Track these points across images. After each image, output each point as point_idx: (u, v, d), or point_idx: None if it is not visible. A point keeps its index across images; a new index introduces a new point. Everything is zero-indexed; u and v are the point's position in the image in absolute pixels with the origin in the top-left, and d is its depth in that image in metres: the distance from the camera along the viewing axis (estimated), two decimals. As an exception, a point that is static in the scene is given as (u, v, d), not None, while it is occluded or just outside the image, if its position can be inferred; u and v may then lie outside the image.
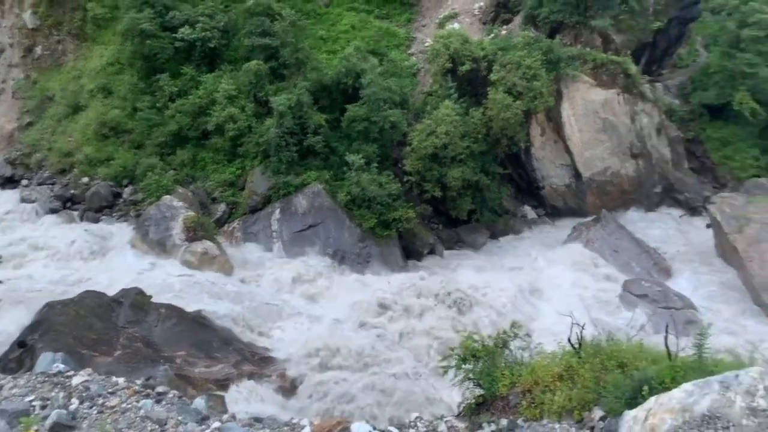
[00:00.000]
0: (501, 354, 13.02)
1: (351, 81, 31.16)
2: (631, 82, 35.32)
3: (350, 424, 8.19)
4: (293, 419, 8.71)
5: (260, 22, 33.20)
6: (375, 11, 41.04)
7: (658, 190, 36.34)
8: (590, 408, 10.13)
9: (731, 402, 6.40)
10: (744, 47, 36.81)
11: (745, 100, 35.80)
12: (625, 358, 10.98)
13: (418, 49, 38.35)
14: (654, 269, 29.52)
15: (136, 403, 8.61)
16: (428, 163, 30.42)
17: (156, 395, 8.94)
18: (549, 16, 35.09)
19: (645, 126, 35.86)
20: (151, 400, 8.76)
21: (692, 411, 6.60)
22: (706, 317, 23.88)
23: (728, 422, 6.28)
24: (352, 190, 28.53)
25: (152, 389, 9.11)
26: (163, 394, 8.99)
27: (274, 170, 30.01)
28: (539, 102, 31.95)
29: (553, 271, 28.35)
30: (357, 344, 21.28)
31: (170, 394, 8.97)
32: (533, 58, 31.99)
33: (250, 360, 21.07)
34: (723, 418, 6.33)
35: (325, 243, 28.22)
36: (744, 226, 28.50)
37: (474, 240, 32.37)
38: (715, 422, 6.34)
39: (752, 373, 6.65)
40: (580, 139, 34.82)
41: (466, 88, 33.29)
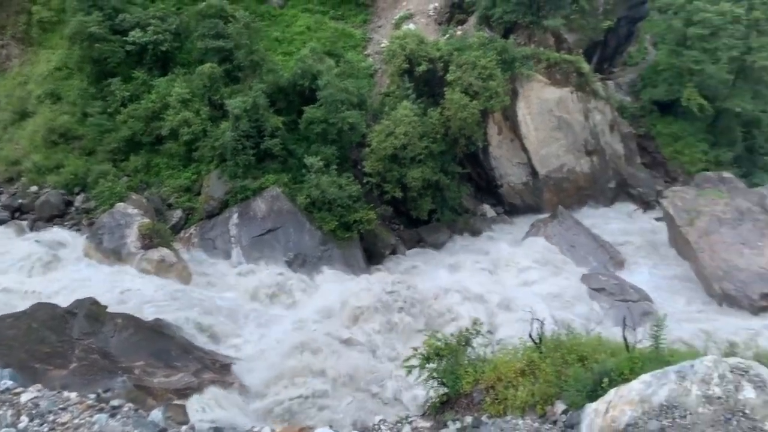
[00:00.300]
0: (464, 351, 13.07)
1: (308, 83, 30.94)
2: (584, 81, 36.04)
3: (313, 429, 8.06)
4: (254, 427, 8.53)
5: (213, 24, 32.69)
6: (330, 12, 40.88)
7: (612, 185, 37.18)
8: (552, 402, 10.23)
9: (688, 391, 6.53)
10: (690, 45, 37.98)
11: (692, 96, 36.91)
12: (585, 352, 11.14)
13: (374, 49, 38.35)
14: (610, 263, 30.18)
15: (89, 418, 8.29)
16: (388, 164, 30.45)
17: (110, 409, 8.62)
18: (503, 17, 35.53)
19: (598, 123, 36.63)
20: (105, 414, 8.44)
21: (651, 401, 6.71)
22: (662, 308, 24.48)
23: (685, 411, 6.40)
24: (311, 192, 28.32)
25: (106, 403, 8.79)
26: (117, 407, 8.68)
27: (231, 174, 29.58)
28: (495, 101, 32.31)
29: (513, 267, 28.67)
30: (321, 348, 21.12)
31: (125, 408, 8.67)
32: (488, 58, 32.33)
33: (211, 368, 20.68)
34: (680, 407, 6.45)
35: (285, 247, 27.93)
36: (695, 218, 29.37)
37: (435, 239, 32.53)
38: (672, 411, 6.45)
39: (707, 362, 6.79)
40: (536, 137, 35.36)
41: (424, 89, 33.45)
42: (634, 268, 30.07)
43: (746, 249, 27.75)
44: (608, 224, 34.56)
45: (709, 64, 37.46)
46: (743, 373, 6.52)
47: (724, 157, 37.48)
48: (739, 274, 26.95)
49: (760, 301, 26.06)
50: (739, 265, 27.20)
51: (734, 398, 6.31)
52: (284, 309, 24.49)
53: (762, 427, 6.04)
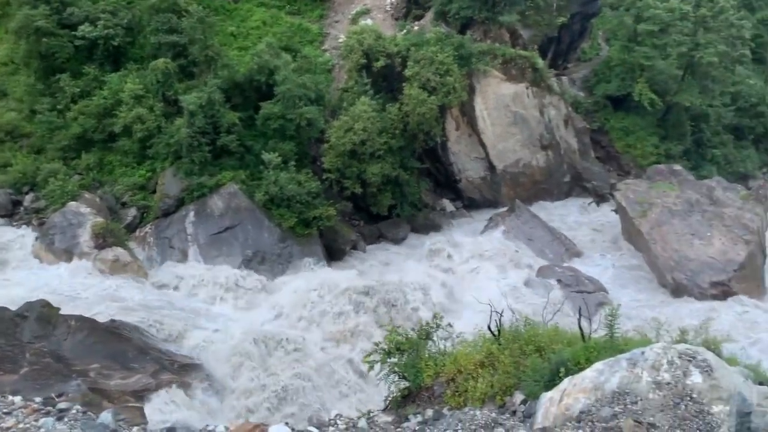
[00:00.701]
0: (425, 345, 13.16)
1: (264, 78, 30.61)
2: (539, 76, 36.60)
3: (268, 427, 7.99)
4: (208, 426, 8.39)
5: (166, 18, 32.00)
6: (286, 7, 40.49)
7: (567, 179, 37.91)
8: (511, 392, 10.39)
9: (639, 377, 6.72)
10: (641, 41, 38.99)
11: (644, 91, 37.90)
12: (543, 342, 11.34)
13: (331, 45, 38.16)
14: (566, 255, 30.81)
15: (35, 422, 8.02)
16: (347, 160, 30.38)
17: (57, 412, 8.36)
18: (459, 12, 35.80)
19: (553, 118, 37.28)
20: (51, 418, 8.17)
21: (603, 389, 6.87)
22: (616, 298, 25.13)
23: (636, 397, 6.57)
24: (269, 189, 28.05)
25: (53, 406, 8.53)
26: (65, 410, 8.42)
27: (187, 171, 29.07)
28: (453, 97, 32.55)
29: (472, 261, 28.99)
30: (281, 347, 20.97)
31: (73, 410, 8.42)
32: (446, 54, 32.54)
33: (169, 368, 20.35)
34: (632, 393, 6.63)
35: (243, 245, 27.60)
36: (647, 210, 30.18)
37: (395, 234, 32.64)
38: (624, 398, 6.62)
39: (656, 349, 6.99)
40: (493, 132, 35.78)
41: (382, 84, 33.48)
42: (589, 260, 30.77)
43: (696, 239, 28.66)
44: (564, 217, 35.29)
45: (659, 59, 38.52)
46: (691, 358, 6.73)
47: (674, 150, 38.62)
48: (690, 263, 27.83)
49: (709, 290, 26.98)
50: (689, 255, 28.09)
51: (682, 383, 6.50)
52: (244, 307, 24.23)
53: (708, 410, 6.25)
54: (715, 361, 6.70)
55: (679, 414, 6.24)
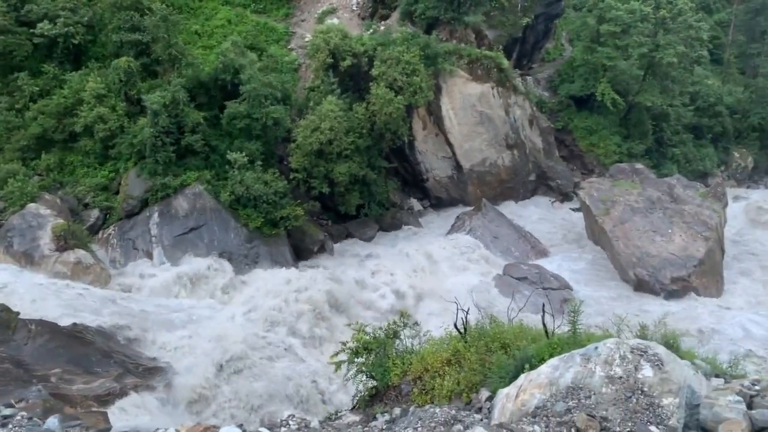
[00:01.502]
0: (392, 344, 13.21)
1: (229, 77, 30.32)
2: (504, 76, 37.00)
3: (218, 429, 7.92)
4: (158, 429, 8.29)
5: (129, 16, 31.46)
6: (252, 5, 40.19)
7: (532, 178, 38.42)
8: (477, 389, 10.50)
9: (592, 372, 6.86)
10: (603, 42, 39.70)
11: (606, 91, 38.62)
12: (508, 339, 11.49)
13: (298, 44, 37.98)
14: (532, 252, 31.23)
15: (-22, 429, 7.83)
16: (314, 160, 30.28)
17: (2, 419, 8.14)
18: (425, 12, 35.99)
19: (518, 118, 37.72)
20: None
21: (558, 384, 6.99)
22: (580, 295, 25.55)
23: (590, 391, 6.72)
24: (235, 189, 27.80)
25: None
26: (9, 417, 8.20)
27: (151, 172, 28.61)
28: (420, 96, 32.70)
29: (439, 259, 29.16)
30: (247, 348, 20.78)
31: (18, 416, 8.21)
32: (412, 54, 32.67)
33: (134, 372, 19.98)
34: (585, 388, 6.77)
35: (209, 245, 27.29)
36: (610, 208, 30.74)
37: (363, 234, 32.67)
38: (578, 393, 6.75)
39: (609, 344, 7.14)
40: (460, 131, 36.05)
41: (349, 83, 33.45)
42: (554, 257, 31.23)
43: (657, 236, 29.30)
44: (529, 215, 35.78)
45: (621, 60, 39.28)
46: (642, 353, 6.90)
47: (636, 149, 39.44)
48: (651, 260, 28.44)
49: (670, 285, 27.61)
50: (651, 252, 28.69)
51: (634, 377, 6.66)
52: (209, 309, 23.93)
53: (659, 403, 6.41)
54: (665, 354, 6.87)
55: (630, 407, 6.40)
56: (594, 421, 6.26)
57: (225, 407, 18.47)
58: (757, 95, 45.95)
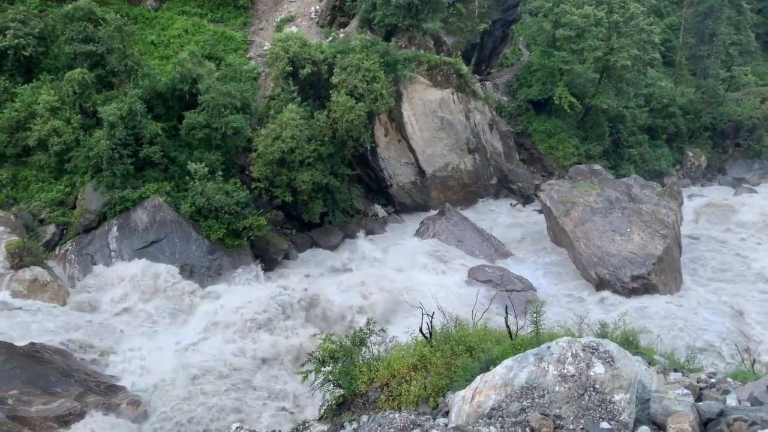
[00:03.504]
0: (358, 352, 13.17)
1: (187, 87, 29.93)
2: (464, 82, 37.40)
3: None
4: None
5: (82, 27, 30.77)
6: (209, 15, 39.80)
7: (494, 181, 38.86)
8: (444, 393, 10.52)
9: (545, 371, 6.94)
10: (559, 46, 40.44)
11: (563, 94, 39.35)
12: (473, 342, 11.56)
13: (256, 52, 37.75)
14: (495, 255, 31.53)
15: None
16: (276, 168, 30.09)
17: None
18: (383, 20, 36.13)
19: (479, 122, 38.14)
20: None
21: (512, 384, 7.07)
22: (544, 295, 25.91)
23: (543, 390, 6.80)
24: (196, 200, 27.41)
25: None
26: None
27: (108, 185, 28.02)
28: (381, 103, 32.80)
29: (404, 265, 29.21)
30: (213, 361, 20.48)
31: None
32: (371, 61, 32.76)
33: (95, 390, 19.53)
34: (539, 387, 6.85)
35: (171, 258, 26.81)
36: (570, 209, 31.26)
37: (328, 242, 32.51)
38: (532, 392, 6.83)
39: (561, 343, 7.24)
40: (421, 137, 36.28)
41: (309, 91, 33.37)
42: (517, 259, 31.59)
43: (617, 236, 29.89)
44: (492, 218, 36.18)
45: (577, 64, 40.06)
46: (594, 350, 7.01)
47: (593, 150, 40.23)
48: (612, 259, 28.98)
49: (630, 283, 28.16)
50: (611, 251, 29.25)
51: (586, 375, 6.77)
52: (172, 323, 23.51)
53: (611, 399, 6.53)
54: (616, 351, 7.00)
55: (583, 404, 6.49)
56: (548, 420, 6.33)
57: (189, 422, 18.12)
58: (707, 96, 47.37)
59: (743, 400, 6.65)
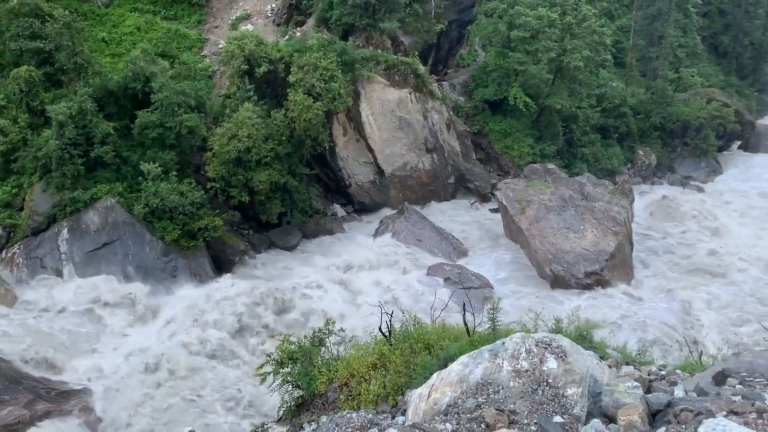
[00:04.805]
0: (317, 352, 13.12)
1: (140, 85, 29.31)
2: (421, 82, 37.61)
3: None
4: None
5: (28, 23, 29.80)
6: (162, 12, 39.03)
7: (452, 181, 39.20)
8: (403, 391, 10.56)
9: (500, 367, 7.04)
10: (514, 47, 41.01)
11: (518, 94, 39.92)
12: (431, 340, 11.64)
13: (211, 50, 37.21)
14: (454, 253, 31.83)
15: None
16: (232, 168, 29.70)
17: None
18: (340, 19, 36.04)
19: (436, 122, 38.42)
20: None
21: (468, 381, 7.14)
22: (500, 292, 26.28)
23: (498, 386, 6.89)
24: (150, 201, 26.86)
25: None
26: None
27: (58, 186, 27.22)
28: (339, 102, 32.70)
29: (364, 264, 29.24)
30: (169, 364, 20.10)
31: None
32: (329, 60, 32.63)
33: (45, 397, 18.97)
34: (494, 383, 6.94)
35: (124, 260, 26.22)
36: (525, 207, 31.78)
37: (286, 242, 32.26)
38: (487, 388, 6.92)
39: (515, 339, 7.36)
40: (380, 137, 36.34)
41: (266, 90, 33.05)
42: (475, 257, 31.96)
43: (571, 233, 30.53)
44: (451, 217, 36.48)
45: (531, 64, 40.69)
46: (547, 345, 7.14)
47: (548, 150, 40.94)
48: (566, 255, 29.59)
49: (584, 279, 28.82)
50: (565, 248, 29.86)
51: (539, 370, 6.89)
52: (126, 326, 22.98)
53: (563, 393, 6.67)
54: (569, 346, 7.14)
55: (537, 399, 6.61)
56: (503, 415, 6.42)
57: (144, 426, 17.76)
58: (657, 96, 48.71)
59: (690, 390, 6.87)
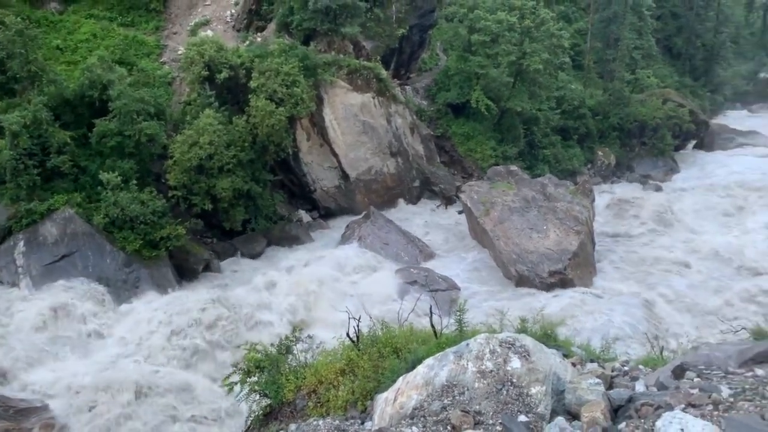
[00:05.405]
0: (285, 360, 13.00)
1: (97, 93, 28.73)
2: (384, 86, 37.70)
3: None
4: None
5: (-22, 30, 29.02)
6: (118, 18, 38.34)
7: (417, 184, 39.38)
8: (372, 397, 10.53)
9: (465, 369, 7.08)
10: (475, 51, 41.48)
11: (480, 97, 40.37)
12: (399, 343, 11.62)
13: (171, 57, 36.67)
14: (420, 256, 31.94)
15: None
16: (194, 176, 29.31)
17: None
18: (301, 24, 35.93)
19: (400, 126, 38.56)
20: None
21: (434, 383, 7.16)
22: (467, 294, 26.42)
23: (463, 388, 6.92)
24: (110, 211, 26.30)
25: None
26: None
27: (13, 197, 26.44)
28: (301, 108, 32.57)
29: (331, 269, 29.08)
30: (132, 377, 19.66)
31: None
32: (291, 65, 32.49)
33: (3, 416, 18.35)
34: (459, 384, 6.97)
35: (84, 272, 25.57)
36: (490, 209, 32.09)
37: (251, 250, 31.94)
38: (453, 390, 6.95)
39: (480, 340, 7.40)
40: (344, 141, 36.30)
41: (227, 96, 32.72)
42: (442, 259, 32.11)
43: (534, 233, 30.91)
44: (416, 220, 36.63)
45: (492, 68, 41.20)
46: (510, 345, 7.21)
47: (510, 152, 41.47)
48: (530, 256, 29.93)
49: (548, 279, 29.17)
50: (529, 248, 30.21)
51: (503, 370, 6.94)
52: (87, 340, 22.40)
53: (527, 392, 6.73)
54: (532, 345, 7.21)
55: (501, 399, 6.66)
56: (468, 417, 6.45)
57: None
58: (614, 97, 49.76)
59: (651, 385, 7.00)
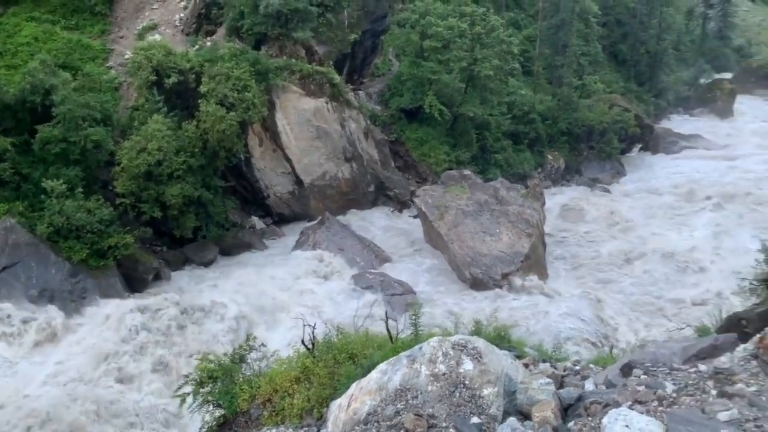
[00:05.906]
0: (238, 369, 12.76)
1: (39, 98, 27.77)
2: (337, 91, 37.56)
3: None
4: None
5: None
6: (61, 22, 37.14)
7: (371, 189, 39.37)
8: (328, 404, 10.42)
9: (418, 372, 7.07)
10: (427, 57, 41.79)
11: (433, 103, 40.66)
12: (355, 349, 11.54)
13: (117, 61, 35.74)
14: (376, 261, 31.92)
15: None
16: (143, 183, 28.61)
17: None
18: (252, 28, 35.52)
19: (354, 131, 38.49)
20: None
21: (387, 388, 7.13)
22: (423, 298, 26.55)
23: (417, 391, 6.92)
24: (54, 220, 25.43)
25: None
26: None
27: (-50, 207, 25.35)
28: (253, 113, 32.16)
29: (285, 277, 28.80)
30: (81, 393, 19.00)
31: None
32: (241, 70, 32.07)
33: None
34: (412, 388, 6.96)
35: (26, 284, 24.60)
36: (444, 213, 32.35)
37: (203, 257, 31.33)
38: (406, 394, 6.93)
39: (433, 343, 7.41)
40: (297, 146, 36.00)
41: (176, 101, 32.07)
42: (397, 264, 32.18)
43: (487, 236, 31.29)
44: (372, 225, 36.60)
45: (444, 74, 41.57)
46: (462, 348, 7.24)
47: (463, 156, 41.88)
48: (484, 258, 30.29)
49: (501, 281, 29.58)
50: (482, 251, 30.56)
51: (456, 372, 6.96)
52: (28, 355, 21.54)
53: (480, 394, 6.77)
54: (484, 347, 7.26)
55: (454, 401, 6.67)
56: (421, 420, 6.44)
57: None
58: (563, 103, 50.82)
59: (600, 384, 7.14)
